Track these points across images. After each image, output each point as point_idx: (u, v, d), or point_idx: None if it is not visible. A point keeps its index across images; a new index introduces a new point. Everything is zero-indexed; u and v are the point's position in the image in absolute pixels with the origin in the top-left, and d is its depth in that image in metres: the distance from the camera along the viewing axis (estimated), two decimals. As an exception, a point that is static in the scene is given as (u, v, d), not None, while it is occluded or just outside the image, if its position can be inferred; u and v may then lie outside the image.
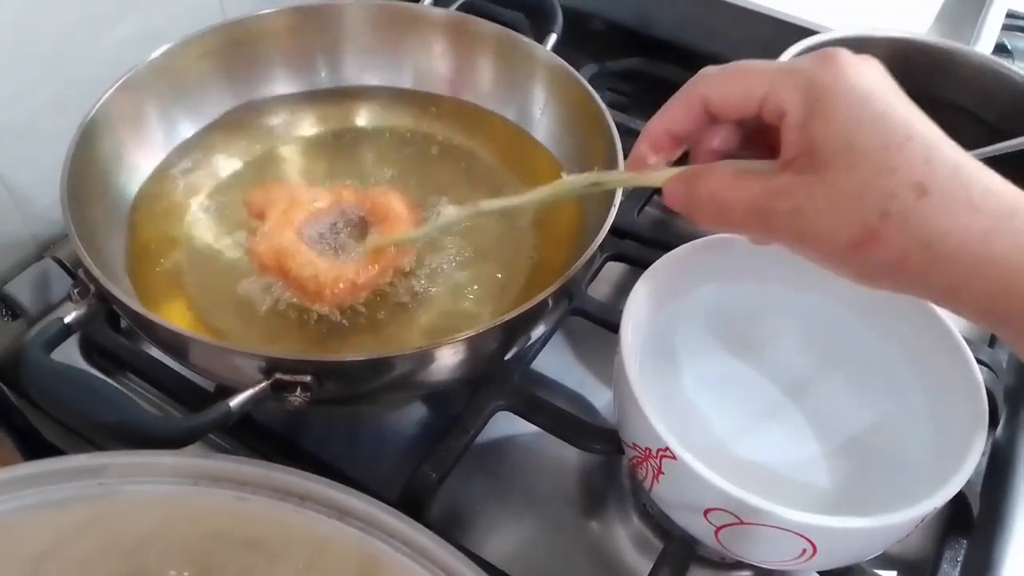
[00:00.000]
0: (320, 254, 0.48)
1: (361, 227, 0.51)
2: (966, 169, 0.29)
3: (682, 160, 0.36)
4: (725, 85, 0.33)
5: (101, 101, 0.49)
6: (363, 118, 0.61)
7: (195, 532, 0.33)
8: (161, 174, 0.54)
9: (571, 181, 0.38)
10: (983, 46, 0.67)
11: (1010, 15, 0.74)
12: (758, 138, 0.34)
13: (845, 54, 0.30)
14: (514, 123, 0.60)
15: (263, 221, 0.48)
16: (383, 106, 0.62)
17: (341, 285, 0.46)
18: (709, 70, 0.34)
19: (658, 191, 0.35)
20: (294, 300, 0.48)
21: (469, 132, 0.60)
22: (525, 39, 0.58)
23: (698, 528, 0.38)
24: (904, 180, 0.28)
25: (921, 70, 0.59)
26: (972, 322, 0.31)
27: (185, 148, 0.56)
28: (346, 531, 0.31)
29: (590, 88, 0.54)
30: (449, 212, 0.42)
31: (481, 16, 0.60)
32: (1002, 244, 0.28)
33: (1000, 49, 0.72)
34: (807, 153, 0.30)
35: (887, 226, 0.28)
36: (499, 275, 0.51)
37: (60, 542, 0.32)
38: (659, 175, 0.35)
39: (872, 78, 0.30)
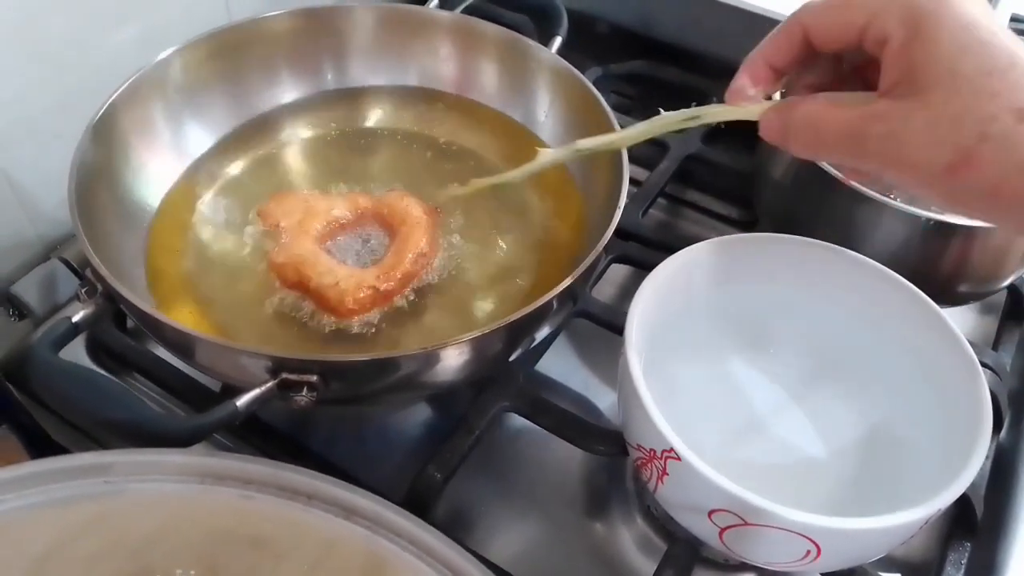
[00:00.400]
0: (340, 264, 0.48)
1: (381, 234, 0.51)
2: None
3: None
4: (827, 15, 0.33)
5: (109, 101, 0.49)
6: (369, 120, 0.61)
7: (201, 531, 0.33)
8: (168, 175, 0.54)
9: (670, 115, 0.38)
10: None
11: (1014, 19, 0.74)
12: (856, 76, 0.35)
13: None
14: (520, 123, 0.60)
15: (279, 231, 0.49)
16: (389, 108, 0.62)
17: (362, 293, 0.47)
18: (810, 3, 0.34)
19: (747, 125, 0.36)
20: (304, 303, 0.48)
21: (474, 134, 0.60)
22: (530, 42, 0.58)
23: (702, 529, 0.38)
24: (1005, 104, 0.28)
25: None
26: None
27: (193, 149, 0.56)
28: (353, 530, 0.31)
29: (595, 90, 0.54)
30: (547, 153, 0.43)
31: (486, 19, 0.60)
32: None
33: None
34: (907, 79, 0.30)
35: (985, 149, 0.28)
36: (504, 277, 0.51)
37: (65, 540, 0.32)
38: (757, 108, 0.36)
39: (976, 7, 0.30)
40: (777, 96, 0.40)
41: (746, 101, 0.36)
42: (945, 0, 0.30)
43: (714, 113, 0.38)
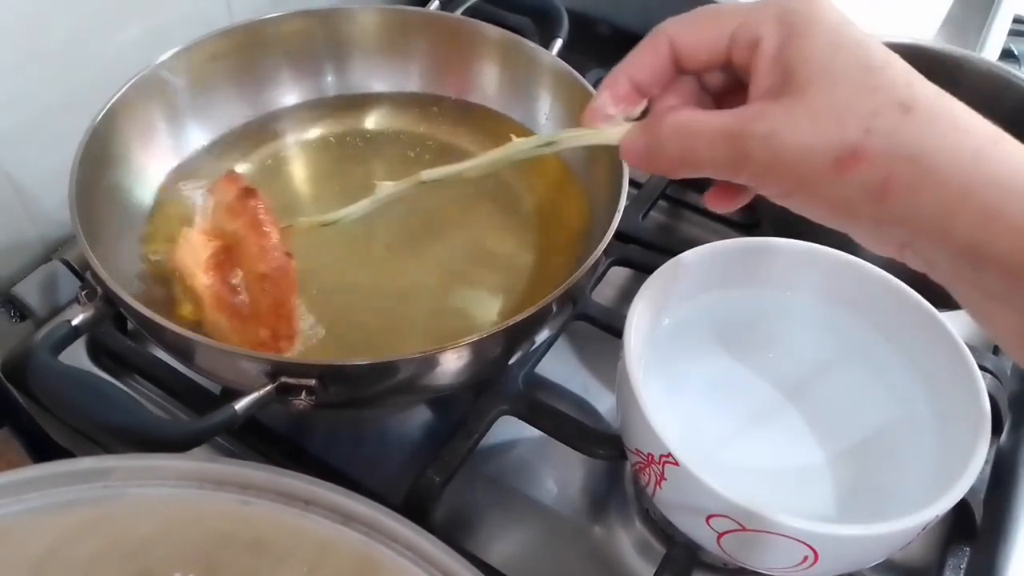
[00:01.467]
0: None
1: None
2: (947, 96, 0.28)
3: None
4: (694, 24, 0.32)
5: (110, 103, 0.49)
6: (370, 122, 0.61)
7: (200, 534, 0.34)
8: (169, 176, 0.54)
9: (522, 143, 0.35)
10: (989, 52, 0.67)
11: (1017, 20, 0.74)
12: (722, 97, 0.33)
13: None
14: (521, 126, 0.60)
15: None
16: (389, 110, 0.62)
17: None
18: (676, 16, 0.32)
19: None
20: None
21: (475, 136, 0.60)
22: (531, 44, 0.58)
23: (700, 534, 0.38)
24: (887, 98, 0.27)
25: (927, 76, 0.58)
26: (953, 264, 0.28)
27: (193, 151, 0.56)
28: (349, 535, 0.31)
29: (595, 92, 0.54)
30: (384, 186, 0.40)
31: (487, 21, 0.60)
32: (991, 165, 0.27)
33: (1007, 55, 0.72)
34: (783, 79, 0.29)
35: (872, 142, 0.27)
36: (503, 280, 0.51)
37: (65, 544, 0.33)
38: (617, 131, 0.33)
39: (846, 15, 0.29)
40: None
41: (605, 122, 0.33)
42: (816, 2, 0.29)
43: (571, 138, 0.35)
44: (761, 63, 0.30)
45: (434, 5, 0.64)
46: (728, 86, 0.33)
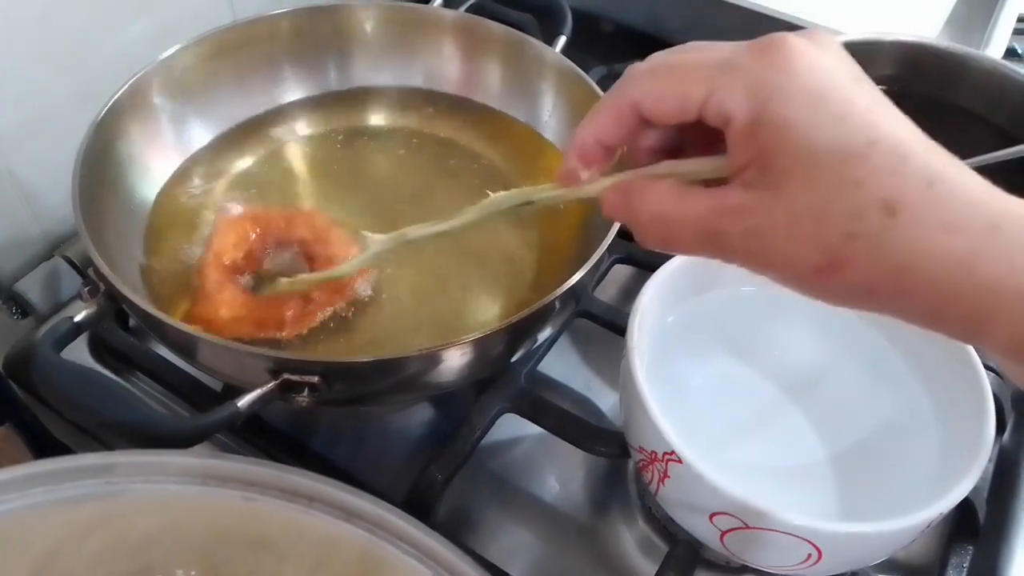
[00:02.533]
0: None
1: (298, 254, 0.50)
2: (941, 180, 0.25)
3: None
4: (658, 89, 0.28)
5: (112, 100, 0.49)
6: (372, 119, 0.61)
7: (202, 531, 0.34)
8: (172, 173, 0.54)
9: (499, 199, 0.35)
10: (994, 50, 0.67)
11: (1021, 19, 0.74)
12: (696, 131, 0.30)
13: (792, 41, 0.26)
14: (524, 123, 0.60)
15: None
16: (392, 107, 0.62)
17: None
18: (637, 69, 0.29)
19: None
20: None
21: (478, 133, 0.60)
22: (534, 41, 0.58)
23: (703, 532, 0.38)
24: (871, 197, 0.25)
25: (931, 74, 0.59)
26: (952, 338, 0.28)
27: (197, 147, 0.56)
28: (353, 532, 0.31)
29: (599, 90, 0.54)
30: (375, 240, 0.39)
31: (491, 18, 0.60)
32: (986, 266, 0.25)
33: (1011, 53, 0.72)
34: (758, 164, 0.26)
35: (854, 249, 0.25)
36: (506, 278, 0.51)
37: (68, 540, 0.33)
38: (594, 186, 0.32)
39: (827, 67, 0.26)
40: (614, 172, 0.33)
41: (579, 184, 0.32)
42: (791, 69, 0.26)
43: (548, 196, 0.34)
44: (734, 140, 0.27)
45: (438, 2, 0.64)
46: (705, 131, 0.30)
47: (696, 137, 0.30)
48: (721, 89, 0.27)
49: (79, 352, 0.51)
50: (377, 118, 0.62)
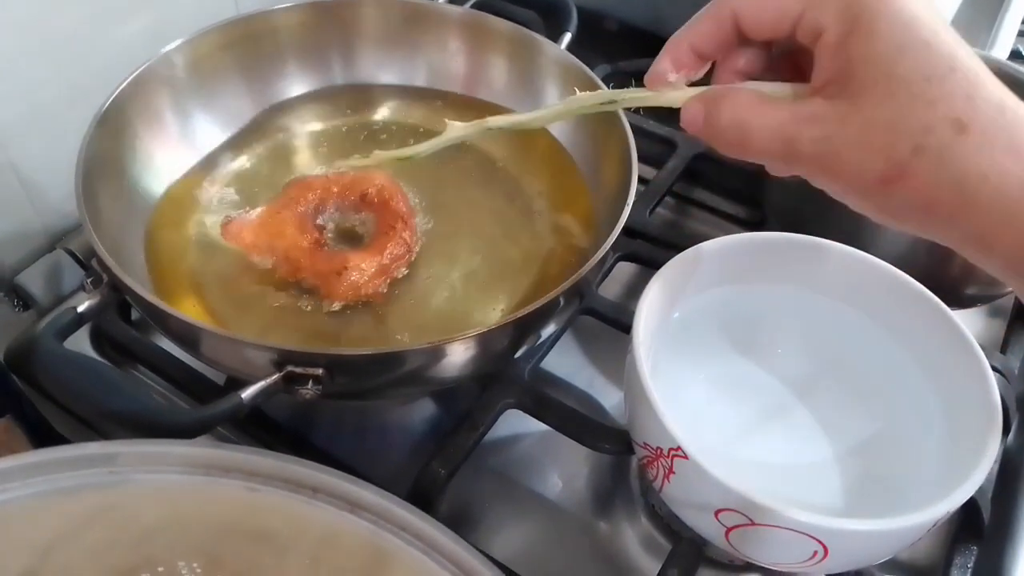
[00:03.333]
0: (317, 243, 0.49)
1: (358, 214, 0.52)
2: (1011, 110, 0.27)
3: (704, 81, 0.34)
4: (760, 1, 0.30)
5: (116, 93, 0.49)
6: (377, 114, 0.61)
7: (205, 523, 0.33)
8: (175, 167, 0.54)
9: (585, 97, 0.36)
10: (999, 52, 0.67)
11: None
12: (786, 62, 0.33)
13: None
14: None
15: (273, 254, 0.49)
16: (397, 103, 0.62)
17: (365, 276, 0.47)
18: None
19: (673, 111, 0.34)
20: (305, 296, 0.48)
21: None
22: (539, 38, 0.58)
23: (708, 529, 0.38)
24: (943, 114, 0.26)
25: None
26: (995, 274, 0.29)
27: (199, 141, 0.56)
28: (357, 523, 0.31)
29: (604, 87, 0.54)
30: (456, 127, 0.40)
31: (496, 14, 0.60)
32: None
33: (1015, 55, 0.72)
34: (842, 77, 0.28)
35: (920, 162, 0.27)
36: (510, 274, 0.51)
37: (70, 530, 0.32)
38: (678, 94, 0.33)
39: (918, 3, 0.28)
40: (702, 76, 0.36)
41: (666, 87, 0.33)
42: None
43: (632, 98, 0.35)
44: (823, 54, 0.29)
45: (443, -2, 0.64)
46: (798, 48, 0.32)
47: (783, 70, 0.32)
48: (817, 5, 0.28)
49: (81, 344, 0.51)
50: (381, 114, 0.61)
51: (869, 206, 0.30)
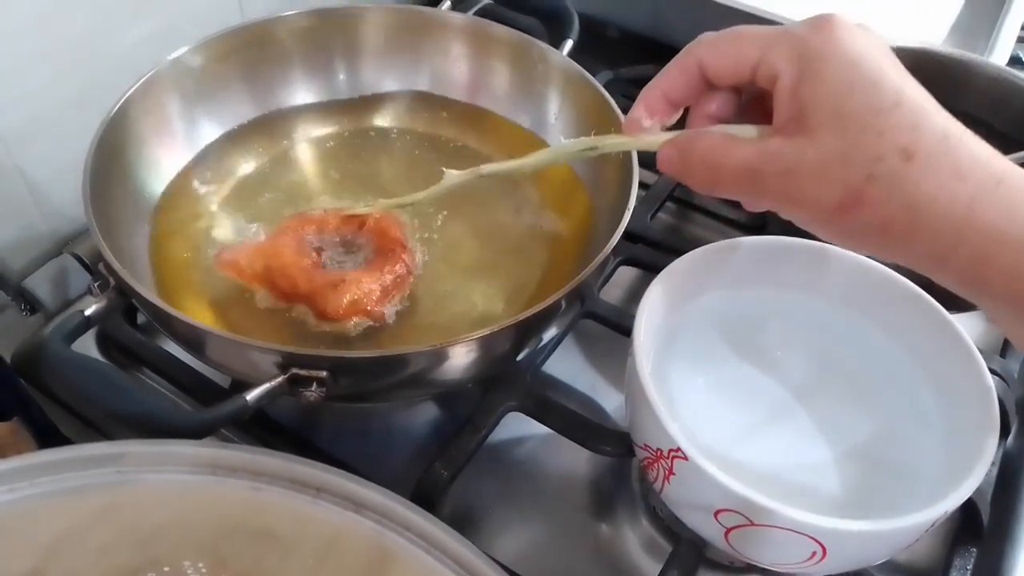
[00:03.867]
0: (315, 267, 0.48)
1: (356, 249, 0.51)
2: (955, 136, 0.29)
3: (678, 125, 0.36)
4: (720, 50, 0.33)
5: (123, 98, 0.50)
6: (380, 120, 0.62)
7: (210, 523, 0.34)
8: (181, 172, 0.55)
9: (568, 145, 0.38)
10: (998, 57, 0.68)
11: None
12: (754, 105, 0.35)
13: (839, 19, 0.31)
14: (530, 125, 0.60)
15: (270, 276, 0.48)
16: (400, 109, 0.62)
17: (363, 295, 0.47)
18: (706, 35, 0.34)
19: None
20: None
21: (484, 136, 0.61)
22: (541, 44, 0.58)
23: (708, 529, 0.38)
24: (891, 144, 0.29)
25: (935, 80, 0.58)
26: (954, 290, 0.31)
27: (205, 147, 0.57)
28: (361, 523, 0.31)
29: (606, 94, 0.54)
30: (452, 175, 0.42)
31: (498, 22, 0.60)
32: (986, 212, 0.28)
33: (1015, 61, 0.72)
34: (799, 116, 0.30)
35: (873, 189, 0.29)
36: (512, 278, 0.52)
37: (76, 529, 0.33)
38: (654, 139, 0.36)
39: (865, 42, 0.30)
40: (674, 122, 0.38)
41: (643, 132, 0.36)
42: (833, 37, 0.30)
43: (612, 144, 0.37)
44: (780, 97, 0.31)
45: (445, 5, 0.64)
46: (763, 91, 0.34)
47: (753, 112, 0.34)
48: (772, 52, 0.31)
49: (87, 348, 0.51)
50: (384, 120, 0.62)
51: (831, 232, 0.32)
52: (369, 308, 0.47)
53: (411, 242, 0.51)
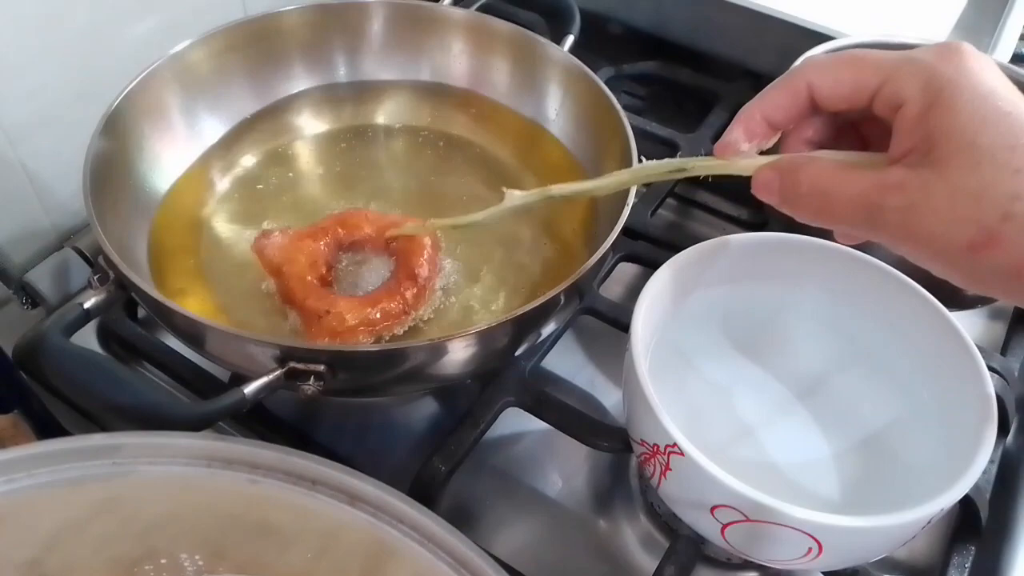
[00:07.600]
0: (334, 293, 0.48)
1: (382, 259, 0.50)
2: None
3: (772, 150, 0.35)
4: (836, 74, 0.32)
5: (124, 93, 0.50)
6: (381, 115, 0.62)
7: (208, 516, 0.34)
8: (182, 166, 0.55)
9: (653, 166, 0.36)
10: (1001, 54, 0.67)
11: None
12: (850, 131, 0.33)
13: (968, 48, 0.29)
14: (531, 120, 0.60)
15: (279, 277, 0.48)
16: (401, 104, 0.62)
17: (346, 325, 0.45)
18: (815, 58, 0.32)
19: (735, 178, 0.34)
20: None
21: (486, 130, 0.61)
22: (542, 40, 0.58)
23: (704, 525, 0.38)
24: None
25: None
26: None
27: (206, 141, 0.57)
28: (357, 516, 0.31)
29: (606, 89, 0.54)
30: (513, 195, 0.40)
31: (499, 17, 0.60)
32: None
33: (1018, 58, 0.72)
34: (924, 147, 0.29)
35: (1008, 228, 0.27)
36: (511, 273, 0.52)
37: (74, 521, 0.33)
38: (750, 163, 0.34)
39: (994, 75, 0.29)
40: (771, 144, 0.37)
41: (737, 155, 0.34)
42: (964, 68, 0.28)
43: (702, 166, 0.36)
44: (903, 125, 0.29)
45: (447, 1, 0.64)
46: (863, 117, 0.33)
47: (847, 138, 0.33)
48: (897, 79, 0.29)
49: (87, 341, 0.52)
50: (385, 115, 0.62)
51: (955, 272, 0.30)
52: (346, 339, 0.45)
53: (439, 263, 0.50)
